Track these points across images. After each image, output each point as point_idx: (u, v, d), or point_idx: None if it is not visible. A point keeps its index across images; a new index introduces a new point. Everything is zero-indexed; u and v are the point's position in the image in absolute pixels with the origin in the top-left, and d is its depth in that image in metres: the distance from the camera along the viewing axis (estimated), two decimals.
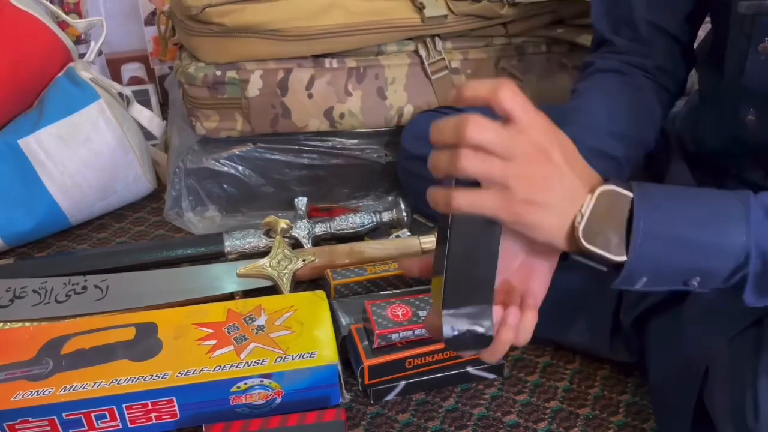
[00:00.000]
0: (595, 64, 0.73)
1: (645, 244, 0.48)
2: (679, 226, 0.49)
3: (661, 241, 0.48)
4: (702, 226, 0.49)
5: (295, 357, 0.67)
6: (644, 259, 0.48)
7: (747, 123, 0.63)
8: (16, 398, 0.62)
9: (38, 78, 0.99)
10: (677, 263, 0.49)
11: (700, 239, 0.49)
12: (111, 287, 0.82)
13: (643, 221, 0.48)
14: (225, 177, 1.00)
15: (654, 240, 0.48)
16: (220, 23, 0.90)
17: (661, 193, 0.51)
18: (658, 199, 0.50)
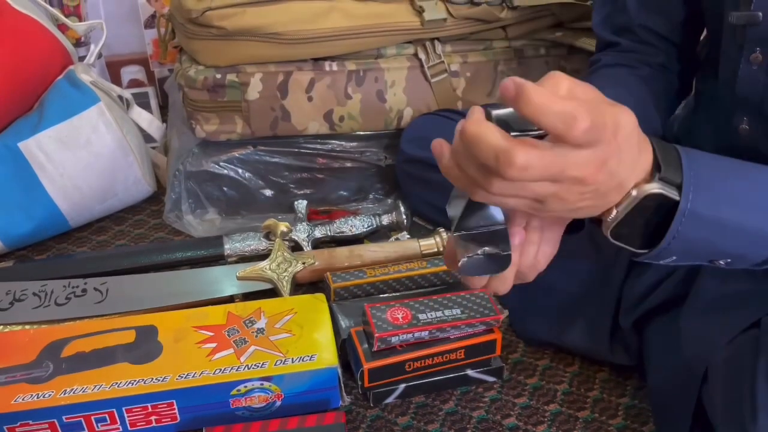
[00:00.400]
0: (602, 61, 0.74)
1: (686, 226, 0.45)
2: (725, 210, 0.46)
3: (703, 225, 0.45)
4: (749, 211, 0.46)
5: (295, 360, 0.67)
6: (680, 242, 0.46)
7: (740, 132, 0.64)
8: (16, 401, 0.62)
9: (38, 81, 0.99)
10: (712, 246, 0.47)
11: (743, 226, 0.46)
12: (111, 290, 0.82)
13: (691, 203, 0.45)
14: (225, 180, 1.00)
15: (696, 222, 0.45)
16: (221, 26, 0.90)
17: (712, 170, 0.47)
18: (709, 178, 0.46)
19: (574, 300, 0.74)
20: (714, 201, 0.46)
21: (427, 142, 0.93)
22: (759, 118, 0.62)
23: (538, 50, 1.01)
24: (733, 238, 0.47)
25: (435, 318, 0.69)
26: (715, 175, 0.47)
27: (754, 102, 0.61)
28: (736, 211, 0.46)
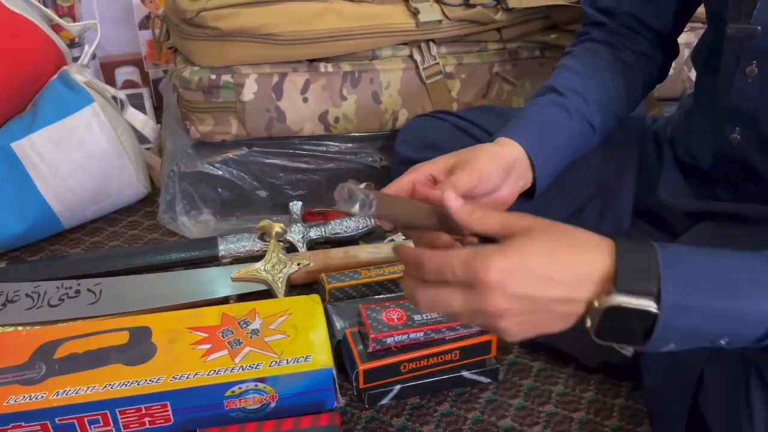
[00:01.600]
0: (590, 34, 0.76)
1: (673, 315, 0.44)
2: (707, 298, 0.45)
3: (689, 314, 0.45)
4: (730, 296, 0.45)
5: (290, 361, 0.67)
6: (671, 330, 0.45)
7: (732, 140, 0.64)
8: (8, 403, 0.62)
9: (32, 81, 0.98)
10: (707, 330, 0.46)
11: (728, 310, 0.45)
12: (104, 291, 0.81)
13: (672, 295, 0.44)
14: (219, 181, 1.00)
15: (683, 310, 0.44)
16: (216, 27, 0.90)
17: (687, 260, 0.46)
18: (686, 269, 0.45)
19: None
20: (695, 292, 0.45)
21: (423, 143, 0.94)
22: (751, 129, 0.62)
23: (533, 52, 1.01)
24: (721, 324, 0.46)
25: (430, 319, 0.69)
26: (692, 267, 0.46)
27: (747, 114, 0.62)
28: (718, 299, 0.45)
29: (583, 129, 0.69)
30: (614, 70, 0.73)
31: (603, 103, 0.71)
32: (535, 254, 0.45)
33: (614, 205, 0.78)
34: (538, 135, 0.66)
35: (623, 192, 0.78)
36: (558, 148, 0.68)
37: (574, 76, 0.72)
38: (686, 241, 0.69)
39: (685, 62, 1.05)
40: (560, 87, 0.70)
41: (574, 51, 0.76)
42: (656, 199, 0.75)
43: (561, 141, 0.68)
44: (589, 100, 0.70)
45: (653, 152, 0.80)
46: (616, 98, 0.73)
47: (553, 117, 0.69)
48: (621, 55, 0.74)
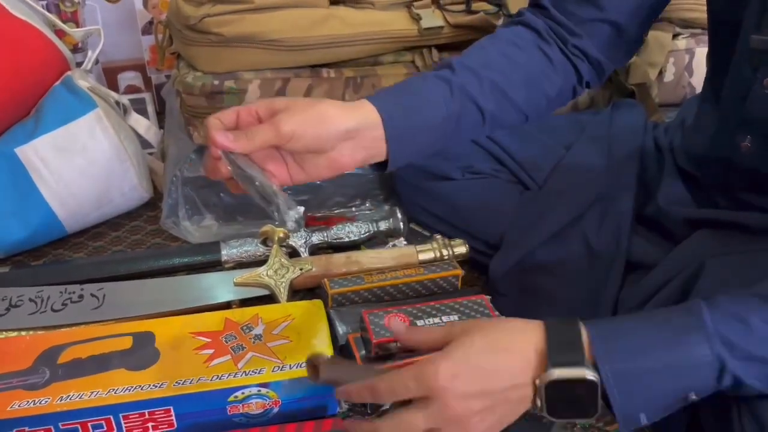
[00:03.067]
0: (524, 16, 0.71)
1: (619, 384, 0.47)
2: (640, 357, 0.48)
3: (633, 376, 0.48)
4: (662, 349, 0.48)
5: (293, 366, 0.67)
6: (628, 397, 0.48)
7: (741, 149, 0.63)
8: (12, 408, 0.62)
9: (35, 86, 0.99)
10: (660, 389, 0.49)
11: (668, 362, 0.48)
12: (107, 296, 0.82)
13: (609, 363, 0.47)
14: (222, 186, 0.99)
15: (626, 376, 0.48)
16: (219, 33, 0.90)
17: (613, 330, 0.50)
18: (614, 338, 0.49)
19: (570, 308, 0.74)
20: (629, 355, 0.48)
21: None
22: (763, 138, 0.62)
23: None
24: (670, 378, 0.48)
25: (433, 324, 0.69)
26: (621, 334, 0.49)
27: (762, 123, 0.61)
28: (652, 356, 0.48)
29: (466, 110, 0.64)
30: (531, 62, 0.67)
31: (501, 90, 0.65)
32: (474, 350, 0.49)
33: (614, 211, 0.78)
34: (403, 105, 0.61)
35: (623, 199, 0.78)
36: (426, 125, 0.63)
37: (479, 54, 0.67)
38: (686, 248, 0.69)
39: (686, 68, 1.05)
40: (455, 63, 0.65)
41: (497, 32, 0.71)
42: (656, 206, 0.75)
43: (432, 117, 0.63)
44: (484, 82, 0.64)
45: (653, 159, 0.81)
46: (522, 90, 0.66)
47: (429, 90, 0.63)
48: (547, 48, 0.68)
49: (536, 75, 0.68)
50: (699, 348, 0.47)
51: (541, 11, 0.71)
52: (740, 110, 0.62)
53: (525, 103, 0.67)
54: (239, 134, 0.57)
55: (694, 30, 1.05)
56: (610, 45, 0.70)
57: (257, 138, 0.56)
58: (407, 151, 0.62)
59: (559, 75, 0.69)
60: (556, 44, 0.69)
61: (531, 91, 0.67)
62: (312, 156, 0.60)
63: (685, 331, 0.48)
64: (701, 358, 0.47)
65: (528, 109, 0.68)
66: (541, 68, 0.68)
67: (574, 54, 0.69)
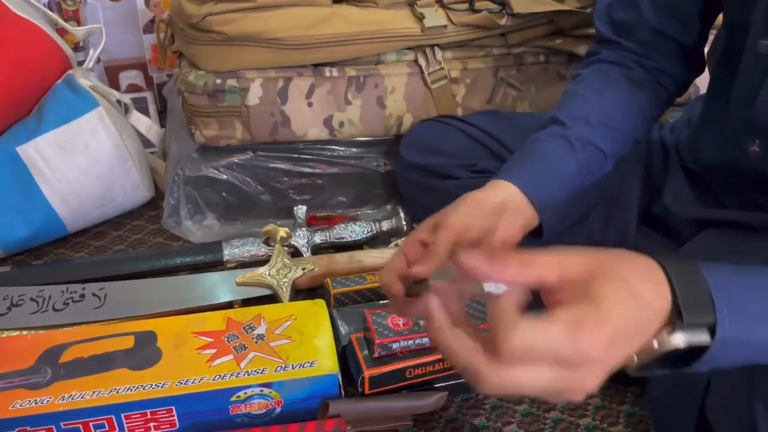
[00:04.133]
0: (600, 54, 0.74)
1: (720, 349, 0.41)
2: (761, 328, 0.42)
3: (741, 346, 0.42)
4: None
5: (295, 366, 0.67)
6: (712, 362, 0.42)
7: (750, 153, 0.63)
8: (14, 407, 0.62)
9: (37, 85, 0.98)
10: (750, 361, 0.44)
11: None
12: (109, 295, 0.81)
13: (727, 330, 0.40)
14: (224, 185, 1.00)
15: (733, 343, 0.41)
16: (221, 31, 0.90)
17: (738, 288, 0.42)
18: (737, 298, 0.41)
19: None
20: (749, 325, 0.41)
21: (427, 148, 0.93)
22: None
23: (538, 57, 1.01)
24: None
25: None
26: (747, 297, 0.42)
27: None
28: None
29: (591, 156, 0.67)
30: (622, 91, 0.70)
31: (610, 126, 0.68)
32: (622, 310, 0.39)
33: (620, 211, 0.78)
34: (536, 172, 0.64)
35: (629, 198, 0.78)
36: (562, 182, 0.65)
37: (578, 101, 0.69)
38: (692, 248, 0.69)
39: None
40: (562, 116, 0.68)
41: (581, 74, 0.74)
42: (662, 206, 0.75)
43: (564, 174, 0.65)
44: (595, 126, 0.67)
45: (659, 158, 0.80)
46: (627, 119, 0.70)
47: (553, 151, 0.66)
48: (631, 74, 0.71)
49: (634, 103, 0.70)
50: None
51: (611, 45, 0.74)
52: (748, 115, 0.61)
53: (634, 130, 0.70)
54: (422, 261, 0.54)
55: None
56: (681, 58, 0.73)
57: (440, 246, 0.53)
58: (554, 210, 0.64)
59: (652, 95, 0.72)
60: (638, 66, 0.72)
61: (635, 119, 0.70)
62: (487, 242, 0.57)
63: None
64: None
65: (637, 134, 0.71)
66: (636, 95, 0.71)
67: (656, 74, 0.72)
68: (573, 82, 0.74)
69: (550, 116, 0.69)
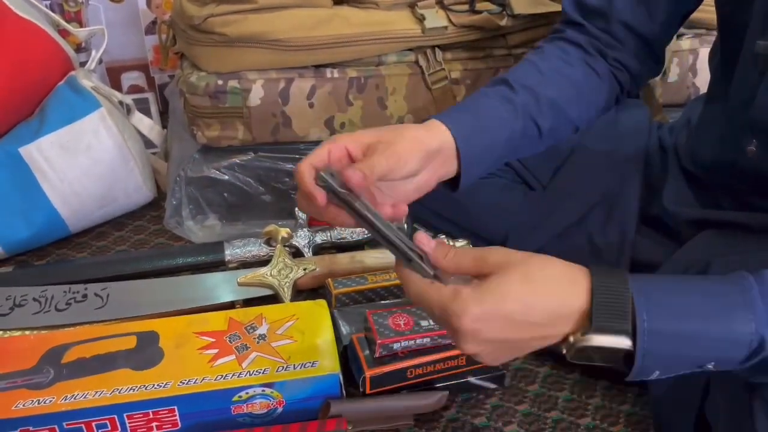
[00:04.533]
0: (565, 33, 0.72)
1: (651, 342, 0.45)
2: (683, 321, 0.46)
3: (667, 338, 0.46)
4: (706, 319, 0.46)
5: (297, 366, 0.67)
6: (653, 357, 0.46)
7: (747, 153, 0.63)
8: (16, 407, 0.62)
9: (39, 86, 0.99)
10: (687, 356, 0.47)
11: (707, 332, 0.46)
12: (111, 296, 0.82)
13: (647, 322, 0.45)
14: (225, 186, 1.00)
15: (660, 336, 0.45)
16: (222, 33, 0.90)
17: (658, 288, 0.48)
18: (658, 296, 0.47)
19: None
20: (668, 315, 0.46)
21: None
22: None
23: None
24: (701, 348, 0.46)
25: (437, 325, 0.69)
26: (664, 293, 0.47)
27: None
28: (693, 321, 0.46)
29: (527, 128, 0.65)
30: (578, 74, 0.69)
31: (557, 105, 0.67)
32: (509, 299, 0.45)
33: (619, 212, 0.78)
34: (474, 125, 0.62)
35: (628, 199, 0.78)
36: (493, 144, 0.64)
37: (533, 71, 0.68)
38: (691, 248, 0.69)
39: (690, 69, 1.05)
40: (513, 81, 0.66)
41: (542, 47, 0.72)
42: (661, 206, 0.75)
43: (499, 136, 0.64)
44: (541, 100, 0.66)
45: (658, 159, 0.80)
46: (575, 105, 0.68)
47: (495, 109, 0.65)
48: (592, 61, 0.70)
49: (587, 89, 0.69)
50: (744, 326, 0.45)
51: (577, 27, 0.73)
52: (746, 115, 0.62)
53: (578, 117, 0.69)
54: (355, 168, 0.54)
55: (699, 30, 1.05)
56: (641, 54, 0.72)
57: (376, 170, 0.54)
58: (477, 168, 0.63)
59: (605, 86, 0.71)
60: (599, 55, 0.71)
61: (583, 105, 0.69)
62: (403, 182, 0.58)
63: (733, 306, 0.46)
64: (742, 336, 0.45)
65: (580, 121, 0.70)
66: (591, 82, 0.70)
67: (614, 66, 0.71)
68: (534, 51, 0.72)
69: (500, 77, 0.68)
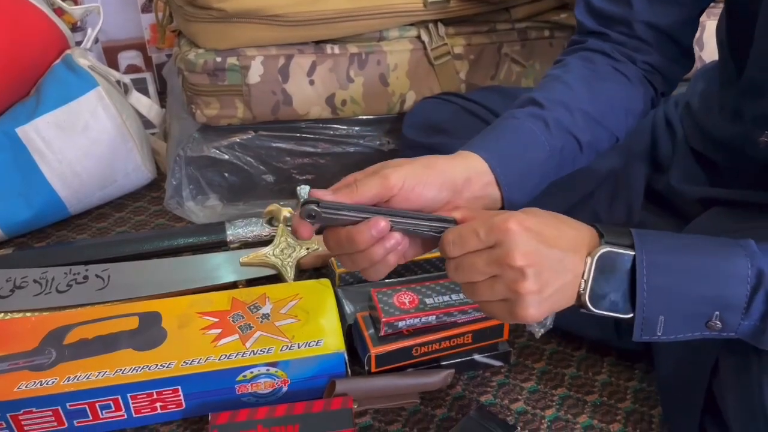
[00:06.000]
0: (586, 43, 0.69)
1: (651, 275, 0.49)
2: (678, 254, 0.50)
3: (666, 269, 0.49)
4: (701, 253, 0.50)
5: (301, 345, 0.66)
6: (654, 293, 0.49)
7: (759, 143, 0.62)
8: (19, 389, 0.62)
9: (35, 65, 0.97)
10: (688, 292, 0.49)
11: (703, 264, 0.49)
12: (113, 277, 0.81)
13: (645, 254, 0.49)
14: (226, 165, 0.99)
15: (658, 269, 0.49)
16: (220, 8, 0.89)
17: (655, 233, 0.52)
18: (655, 236, 0.51)
19: None
20: (666, 249, 0.50)
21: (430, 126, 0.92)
22: None
23: (542, 32, 1.00)
24: (700, 281, 0.49)
25: (442, 302, 0.69)
26: (661, 234, 0.52)
27: None
28: (690, 255, 0.50)
29: (566, 144, 0.62)
30: (609, 82, 0.65)
31: (593, 117, 0.63)
32: (541, 218, 0.51)
33: (625, 189, 0.77)
34: (508, 150, 0.59)
35: (634, 176, 0.77)
36: (532, 165, 0.60)
37: (560, 86, 0.64)
38: (699, 225, 0.68)
39: (696, 42, 1.03)
40: (541, 98, 0.62)
41: (565, 60, 0.68)
42: (667, 183, 0.74)
43: (536, 157, 0.60)
44: (575, 113, 0.62)
45: (665, 133, 0.79)
46: (611, 114, 0.65)
47: (528, 130, 0.61)
48: (621, 67, 0.66)
49: (621, 97, 0.66)
50: (740, 260, 0.49)
51: (599, 36, 0.69)
52: (759, 107, 0.60)
53: (616, 126, 0.66)
54: (343, 188, 0.53)
55: None
56: (671, 54, 0.68)
57: (362, 189, 0.52)
58: (520, 192, 0.60)
59: (639, 91, 0.67)
60: (628, 61, 0.67)
61: (619, 113, 0.66)
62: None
63: (728, 244, 0.50)
64: (738, 267, 0.48)
65: (619, 130, 0.66)
66: (624, 89, 0.66)
67: (645, 69, 0.68)
68: (556, 65, 0.68)
69: (527, 96, 0.64)
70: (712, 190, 0.70)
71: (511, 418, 0.67)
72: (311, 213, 0.50)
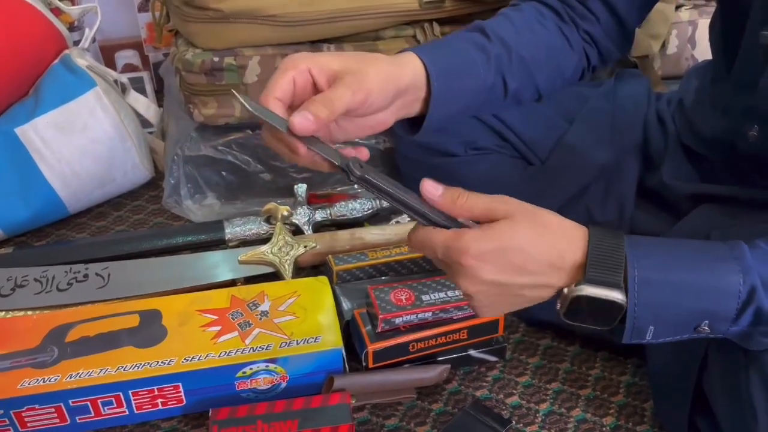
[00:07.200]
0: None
1: (642, 292, 0.48)
2: (672, 270, 0.49)
3: (658, 287, 0.49)
4: (695, 270, 0.49)
5: (300, 342, 0.67)
6: (645, 307, 0.49)
7: (749, 137, 0.63)
8: (22, 386, 0.63)
9: (34, 65, 0.98)
10: (678, 307, 0.49)
11: (695, 282, 0.49)
12: (113, 275, 0.82)
13: (638, 270, 0.48)
14: (223, 164, 0.99)
15: (650, 286, 0.48)
16: (217, 9, 0.89)
17: (651, 242, 0.51)
18: (649, 249, 0.50)
19: None
20: (659, 266, 0.49)
21: None
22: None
23: None
24: (690, 297, 0.49)
25: (438, 299, 0.70)
26: (655, 245, 0.51)
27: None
28: (683, 272, 0.49)
29: (496, 85, 0.62)
30: (554, 40, 0.66)
31: (526, 65, 0.63)
32: (511, 244, 0.48)
33: (618, 186, 0.78)
34: (449, 64, 0.58)
35: (627, 171, 0.78)
36: (464, 89, 0.60)
37: (508, 26, 0.64)
38: (690, 221, 0.69)
39: (689, 40, 1.04)
40: (489, 30, 0.62)
41: (519, 4, 0.68)
42: (659, 179, 0.75)
43: (471, 84, 0.60)
44: (513, 57, 0.62)
45: (657, 131, 0.80)
46: (544, 67, 0.65)
47: (472, 55, 0.60)
48: (566, 29, 0.67)
49: (557, 54, 0.66)
50: (732, 275, 0.48)
51: None
52: (749, 100, 0.61)
53: (544, 82, 0.66)
54: (316, 106, 0.50)
55: (697, 1, 1.04)
56: (613, 32, 0.69)
57: (339, 105, 0.50)
58: (442, 111, 0.59)
59: (575, 56, 0.68)
60: (573, 26, 0.68)
61: (551, 70, 0.66)
62: (361, 119, 0.55)
63: (722, 259, 0.49)
64: (730, 285, 0.48)
65: (545, 88, 0.67)
66: (562, 48, 0.67)
67: (584, 39, 0.69)
68: (511, 8, 0.69)
69: (477, 23, 0.64)
70: (704, 186, 0.71)
71: (506, 412, 0.68)
72: (360, 164, 0.52)
